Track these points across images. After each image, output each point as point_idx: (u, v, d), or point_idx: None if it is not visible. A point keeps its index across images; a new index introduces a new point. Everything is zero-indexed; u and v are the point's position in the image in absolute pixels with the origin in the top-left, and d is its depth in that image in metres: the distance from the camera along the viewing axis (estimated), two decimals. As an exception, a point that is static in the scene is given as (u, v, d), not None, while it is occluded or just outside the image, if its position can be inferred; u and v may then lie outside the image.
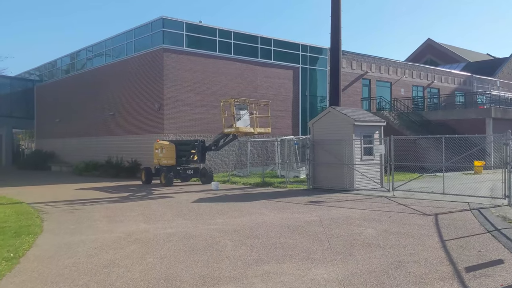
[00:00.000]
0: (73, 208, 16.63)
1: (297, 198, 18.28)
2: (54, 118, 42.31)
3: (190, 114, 29.88)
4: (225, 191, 21.83)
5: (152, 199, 19.07)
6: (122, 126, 33.17)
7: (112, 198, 19.55)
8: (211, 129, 30.68)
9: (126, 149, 32.67)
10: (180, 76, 29.50)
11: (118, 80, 33.61)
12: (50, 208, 16.78)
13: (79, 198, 19.49)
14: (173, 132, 29.22)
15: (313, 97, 36.26)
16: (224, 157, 31.33)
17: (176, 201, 18.01)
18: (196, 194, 20.65)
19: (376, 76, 40.35)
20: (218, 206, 16.45)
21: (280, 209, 15.33)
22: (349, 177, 20.23)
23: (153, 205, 17.11)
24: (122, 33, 33.27)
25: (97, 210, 15.91)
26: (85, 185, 25.72)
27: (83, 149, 38.04)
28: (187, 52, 29.82)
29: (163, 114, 29.02)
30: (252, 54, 32.78)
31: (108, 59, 35.12)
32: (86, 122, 37.60)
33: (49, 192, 22.52)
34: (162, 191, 22.17)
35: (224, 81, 31.35)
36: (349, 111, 21.70)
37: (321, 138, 21.33)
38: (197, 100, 30.16)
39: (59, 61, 42.70)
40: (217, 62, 31.09)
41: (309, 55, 35.85)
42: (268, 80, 33.36)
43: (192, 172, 25.38)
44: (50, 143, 43.61)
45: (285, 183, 22.93)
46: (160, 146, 25.38)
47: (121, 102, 33.23)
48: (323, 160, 21.14)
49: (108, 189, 23.13)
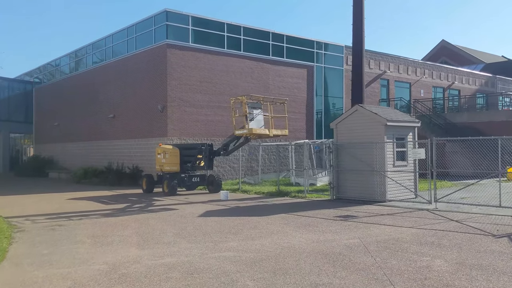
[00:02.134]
0: (56, 223, 13.70)
1: (322, 212, 15.25)
2: (53, 122, 39.51)
3: (196, 116, 26.96)
4: (236, 201, 18.84)
5: (151, 211, 16.11)
6: (123, 130, 30.30)
7: (106, 210, 16.60)
8: (218, 132, 27.75)
9: (127, 155, 29.77)
10: (185, 74, 26.61)
11: (118, 80, 30.77)
12: (29, 223, 13.86)
13: (68, 211, 16.56)
14: (177, 136, 26.29)
15: (328, 98, 33.25)
16: (233, 162, 28.37)
17: (179, 215, 15.04)
18: (203, 205, 17.67)
19: (394, 76, 37.29)
20: (230, 221, 13.46)
21: (306, 227, 12.32)
22: (380, 186, 17.19)
23: (152, 220, 14.14)
24: (123, 29, 30.45)
25: (83, 227, 12.96)
26: (80, 194, 22.81)
27: (83, 155, 35.18)
28: (193, 48, 26.93)
29: (166, 115, 26.11)
30: (263, 51, 29.86)
31: (108, 57, 32.29)
32: (86, 125, 34.76)
33: (37, 203, 19.62)
34: (164, 201, 19.22)
35: (233, 80, 28.43)
36: (379, 109, 18.70)
37: (346, 141, 18.32)
38: (203, 101, 27.24)
39: (58, 61, 39.91)
40: (225, 60, 28.18)
41: (324, 53, 32.88)
42: (280, 80, 30.40)
43: (199, 180, 22.40)
44: (49, 148, 40.79)
45: (303, 193, 19.92)
46: (163, 150, 22.46)
47: (122, 103, 30.37)
48: (348, 166, 18.13)
49: (104, 199, 20.20)
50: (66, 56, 38.39)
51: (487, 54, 68.42)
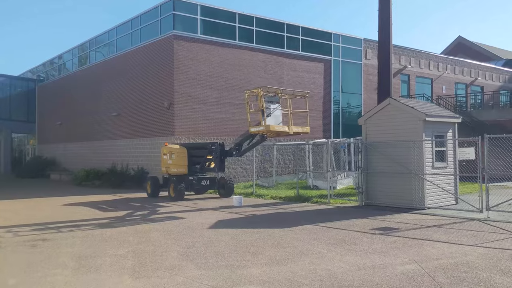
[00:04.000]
0: (41, 237, 11.38)
1: (354, 222, 12.82)
2: (56, 121, 37.32)
3: (205, 113, 24.61)
4: (251, 208, 16.45)
5: (154, 221, 13.75)
6: (127, 129, 28.00)
7: (103, 219, 14.28)
8: (229, 131, 25.39)
9: (131, 155, 27.49)
10: (194, 68, 24.27)
11: (123, 76, 28.49)
12: (9, 237, 11.56)
13: (60, 219, 14.25)
14: (185, 135, 23.95)
15: (346, 95, 30.78)
16: (245, 164, 25.99)
17: (186, 226, 12.68)
18: (214, 213, 15.30)
19: (416, 72, 34.71)
20: (247, 235, 11.08)
21: (342, 244, 9.90)
22: (417, 191, 14.73)
23: (154, 233, 11.79)
24: (127, 21, 28.16)
25: (71, 243, 10.63)
26: (78, 198, 20.54)
27: (86, 155, 32.94)
28: (201, 40, 24.59)
29: (173, 113, 23.78)
30: (277, 44, 27.45)
31: (112, 52, 30.02)
32: (89, 124, 32.51)
33: (30, 208, 17.35)
34: (170, 208, 16.87)
35: (245, 75, 26.04)
36: (415, 103, 16.23)
37: (377, 139, 15.86)
38: (213, 97, 24.89)
39: (61, 57, 37.73)
40: (236, 52, 25.81)
41: (341, 46, 30.40)
42: (295, 74, 27.98)
43: (208, 183, 20.00)
44: (52, 149, 38.63)
45: (326, 198, 17.50)
46: (169, 150, 20.12)
47: (126, 101, 28.08)
48: (379, 168, 15.68)
49: (103, 205, 17.89)
50: (69, 52, 36.20)
51: (503, 50, 65.57)
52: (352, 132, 29.41)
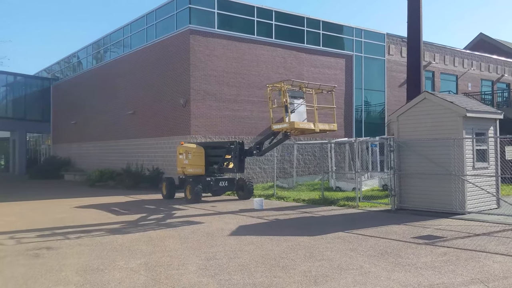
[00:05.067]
0: (45, 245, 10.20)
1: (391, 229, 11.43)
2: (70, 120, 36.41)
3: (222, 111, 23.37)
4: (273, 212, 15.14)
5: (170, 227, 12.52)
6: (142, 127, 26.89)
7: (114, 224, 13.09)
8: (247, 130, 24.13)
9: (147, 155, 26.37)
10: (210, 64, 23.04)
11: (138, 73, 27.39)
12: (11, 244, 10.42)
13: (68, 224, 13.10)
14: (201, 133, 22.74)
15: (369, 92, 29.29)
16: (264, 164, 24.70)
17: (205, 232, 11.41)
18: (234, 217, 14.02)
19: (440, 68, 33.08)
20: (273, 244, 9.77)
21: (385, 257, 8.54)
22: (457, 194, 13.28)
23: (170, 240, 10.54)
24: (142, 16, 27.04)
25: (77, 252, 9.43)
26: (91, 200, 19.44)
27: (100, 155, 31.95)
28: (218, 34, 23.35)
29: (189, 111, 22.58)
30: (297, 39, 26.10)
31: (126, 48, 28.94)
32: (104, 123, 31.50)
33: (38, 211, 16.26)
34: (186, 211, 15.64)
35: (263, 71, 24.74)
36: (453, 97, 14.77)
37: (411, 137, 14.44)
38: (231, 94, 23.64)
39: (75, 55, 36.83)
40: (255, 48, 24.52)
41: (364, 41, 28.93)
42: (316, 71, 26.59)
43: (227, 184, 18.73)
44: (66, 148, 37.74)
45: (354, 200, 16.13)
46: (185, 150, 18.90)
47: (141, 98, 26.97)
48: (414, 169, 14.26)
49: (116, 208, 16.73)
50: (83, 50, 35.27)
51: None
52: (375, 131, 27.97)
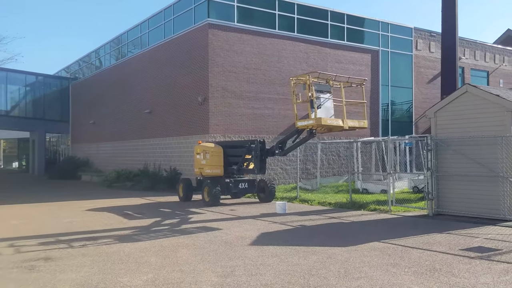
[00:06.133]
0: (44, 255, 9.03)
1: (434, 239, 9.96)
2: (88, 120, 35.58)
3: (241, 109, 22.09)
4: (298, 217, 13.77)
5: (185, 233, 11.24)
6: (160, 126, 25.78)
7: (125, 229, 11.88)
8: (268, 128, 22.80)
9: (164, 155, 25.25)
10: (230, 59, 21.78)
11: (155, 70, 26.30)
12: (9, 253, 9.28)
13: (75, 230, 11.94)
14: (220, 132, 21.49)
15: (395, 89, 27.65)
16: (285, 164, 23.34)
17: (223, 241, 10.11)
18: (254, 223, 12.69)
19: (470, 64, 31.23)
20: (301, 258, 8.41)
21: (434, 274, 7.10)
22: (506, 198, 11.72)
23: (183, 250, 9.26)
24: (159, 12, 25.93)
25: (77, 265, 8.21)
26: (104, 202, 18.34)
27: (118, 155, 30.99)
28: (238, 29, 22.08)
29: (207, 109, 21.36)
30: (321, 33, 24.66)
31: (144, 46, 27.88)
32: (121, 123, 30.54)
33: (46, 215, 15.17)
34: (203, 215, 14.37)
35: (285, 67, 23.39)
36: (498, 90, 13.19)
37: (451, 135, 12.92)
38: (251, 91, 22.34)
39: (93, 54, 35.98)
40: (276, 43, 23.17)
41: (390, 36, 27.32)
42: (340, 66, 25.10)
43: (247, 186, 17.38)
44: (85, 149, 36.94)
45: (384, 204, 14.67)
46: (203, 149, 17.64)
47: (159, 96, 25.86)
48: (454, 170, 12.73)
49: (129, 211, 15.56)
50: (101, 49, 34.41)
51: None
52: (402, 129, 26.40)
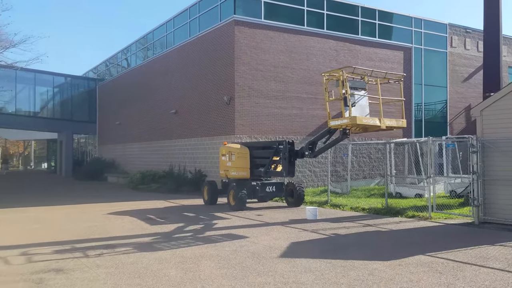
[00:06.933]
0: (56, 266, 8.15)
1: (487, 252, 8.70)
2: (115, 121, 35.11)
3: (268, 109, 21.06)
4: (330, 224, 12.62)
5: (208, 241, 10.25)
6: (185, 127, 24.96)
7: (145, 236, 10.96)
8: (296, 129, 21.71)
9: (189, 156, 24.41)
10: (256, 57, 20.78)
11: (180, 70, 25.52)
12: (18, 263, 8.46)
13: (93, 236, 11.08)
14: (246, 133, 20.50)
15: (429, 88, 26.16)
16: (314, 166, 22.18)
17: (250, 252, 9.06)
18: (283, 230, 11.60)
19: (508, 61, 29.45)
20: (339, 274, 7.30)
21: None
22: None
23: (206, 262, 8.26)
24: (185, 10, 25.14)
25: (89, 279, 7.29)
26: (127, 205, 17.55)
27: (144, 156, 30.35)
28: (265, 25, 21.06)
29: (233, 108, 20.40)
30: (351, 30, 23.44)
31: (169, 45, 27.15)
32: (147, 124, 29.89)
33: (66, 218, 14.42)
34: (228, 220, 13.37)
35: (314, 65, 22.25)
36: (555, 86, 11.81)
37: (500, 135, 11.59)
38: (278, 90, 21.29)
39: (120, 55, 35.54)
40: (305, 40, 22.06)
41: (423, 32, 25.87)
42: (371, 64, 23.71)
43: (274, 190, 16.30)
44: (111, 150, 36.51)
45: (423, 211, 13.41)
46: (228, 151, 16.66)
47: (184, 96, 25.05)
48: (504, 174, 11.40)
49: (152, 215, 14.68)
50: (127, 49, 33.91)
51: None
52: (435, 130, 24.86)
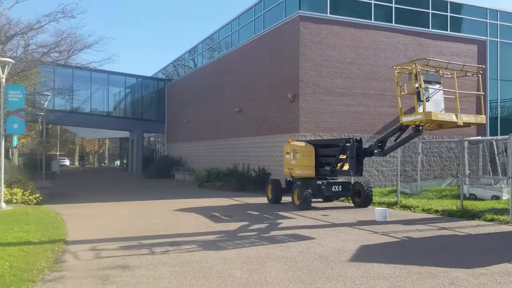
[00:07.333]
0: (122, 262, 8.07)
1: None
2: (181, 120, 35.67)
3: (334, 106, 20.37)
4: (402, 226, 11.83)
5: (273, 242, 9.85)
6: (248, 125, 24.78)
7: (210, 234, 10.75)
8: (362, 127, 20.86)
9: (253, 154, 24.19)
10: (321, 53, 20.15)
11: (244, 68, 25.36)
12: (87, 258, 8.46)
13: (158, 233, 11.01)
14: (311, 131, 19.93)
15: (505, 83, 24.33)
16: (381, 165, 21.23)
17: (317, 254, 8.56)
18: (351, 232, 10.98)
19: None
20: (415, 283, 6.63)
21: None
22: None
23: (272, 264, 7.85)
24: (250, 8, 24.94)
25: (154, 277, 7.11)
26: (193, 202, 17.57)
27: (209, 154, 30.55)
28: (331, 20, 20.39)
29: (298, 106, 19.91)
30: (420, 23, 22.21)
31: (234, 43, 27.09)
32: (212, 122, 30.05)
33: (134, 214, 14.59)
34: (293, 220, 12.92)
35: (381, 60, 21.29)
36: None
37: None
38: (343, 87, 20.55)
39: (186, 55, 36.06)
40: (372, 34, 21.15)
41: (499, 24, 24.09)
42: (443, 59, 22.18)
43: (341, 189, 15.60)
44: (178, 148, 37.13)
45: (504, 214, 12.26)
46: (293, 149, 16.19)
47: (248, 94, 24.86)
48: None
49: (217, 213, 14.51)
50: (193, 49, 34.33)
51: None
52: (512, 128, 23.12)
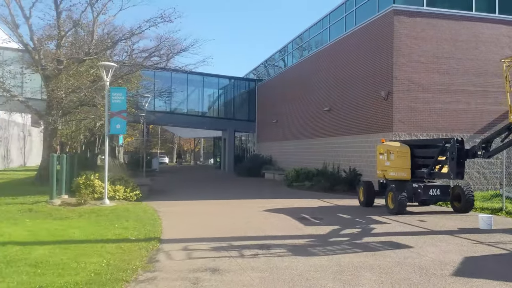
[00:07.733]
0: (212, 265, 7.96)
1: None
2: (272, 119, 35.73)
3: (430, 104, 19.06)
4: (509, 236, 10.61)
5: (367, 249, 9.25)
6: (338, 124, 24.06)
7: (299, 238, 10.39)
8: (461, 126, 19.32)
9: (343, 154, 23.44)
10: (417, 48, 18.94)
11: (334, 66, 24.68)
12: (179, 258, 8.50)
13: (247, 234, 10.87)
14: (405, 130, 18.81)
15: None
16: (483, 168, 19.52)
17: (416, 266, 7.85)
18: (452, 241, 10.03)
19: None
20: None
21: None
22: None
23: (365, 274, 7.31)
24: (341, 4, 24.22)
25: (244, 282, 6.92)
26: (282, 202, 17.34)
27: (298, 154, 30.22)
28: (427, 13, 19.10)
29: (391, 104, 18.89)
30: (529, 12, 20.14)
31: (324, 41, 26.48)
32: (301, 121, 29.68)
33: (225, 212, 14.65)
34: (388, 225, 12.15)
35: (483, 54, 19.57)
36: None
37: None
38: (442, 83, 19.15)
39: (277, 54, 36.09)
40: (472, 26, 19.51)
41: None
42: (556, 50, 20.13)
43: (439, 193, 14.40)
44: (268, 147, 37.23)
45: None
46: (386, 149, 15.32)
47: (338, 93, 24.16)
48: None
49: (306, 215, 14.10)
50: (284, 49, 34.22)
51: None
52: None
